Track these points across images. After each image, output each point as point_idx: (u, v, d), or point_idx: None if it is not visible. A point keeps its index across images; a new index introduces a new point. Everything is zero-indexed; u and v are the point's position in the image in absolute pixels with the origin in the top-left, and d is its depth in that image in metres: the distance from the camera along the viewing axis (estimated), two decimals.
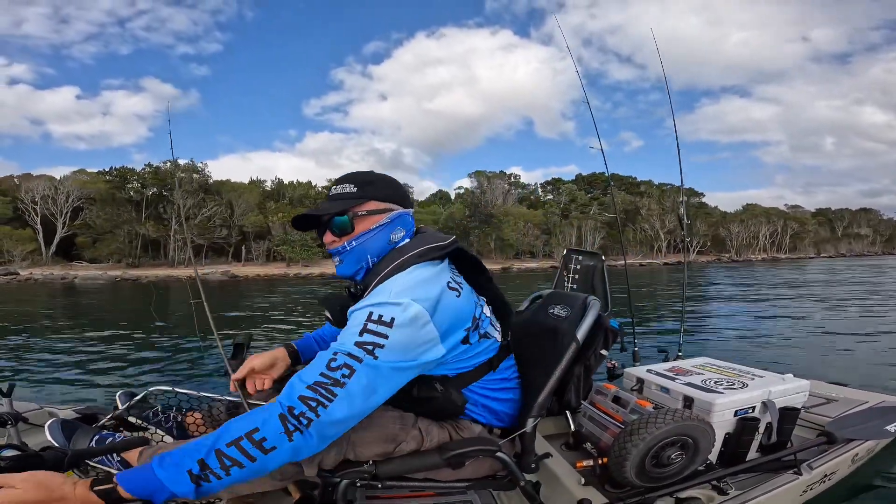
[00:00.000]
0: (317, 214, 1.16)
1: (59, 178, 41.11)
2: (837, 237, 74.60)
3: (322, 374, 0.94)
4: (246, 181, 51.36)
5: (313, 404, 0.92)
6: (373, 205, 1.15)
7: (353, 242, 1.14)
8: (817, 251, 68.41)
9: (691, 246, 55.85)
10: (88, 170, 43.27)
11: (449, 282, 1.10)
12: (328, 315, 1.29)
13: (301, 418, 0.91)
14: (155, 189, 40.29)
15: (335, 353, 0.97)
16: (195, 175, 43.34)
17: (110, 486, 0.86)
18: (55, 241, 38.67)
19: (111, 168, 43.26)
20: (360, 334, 0.98)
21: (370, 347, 0.96)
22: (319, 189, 52.16)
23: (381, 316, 0.99)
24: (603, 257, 1.37)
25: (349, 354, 0.96)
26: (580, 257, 1.92)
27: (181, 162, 42.85)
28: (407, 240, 1.20)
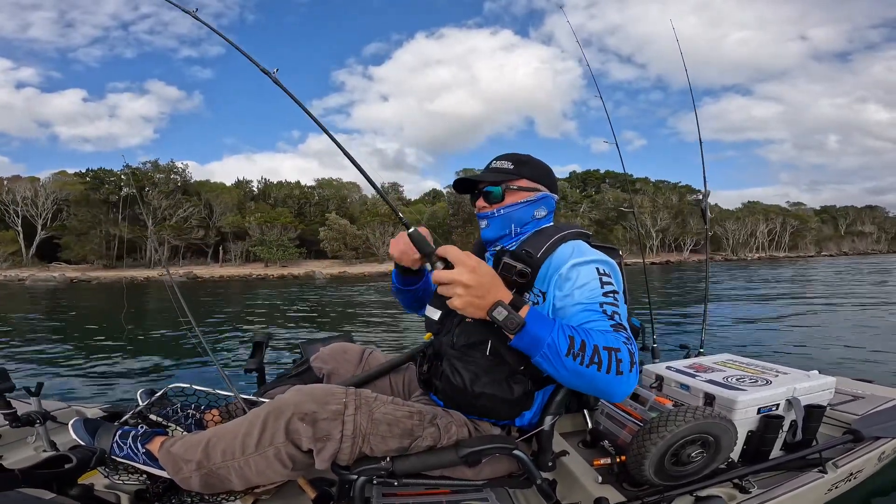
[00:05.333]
0: (475, 180, 1.28)
1: (41, 180, 41.21)
2: (840, 235, 72.06)
3: (613, 322, 0.98)
4: (248, 182, 51.23)
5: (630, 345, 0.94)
6: (524, 182, 1.26)
7: (502, 211, 1.25)
8: (818, 249, 66.34)
9: (684, 245, 55.10)
10: (69, 171, 43.24)
11: None
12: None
13: (635, 355, 0.93)
14: (133, 190, 38.79)
15: (601, 304, 1.01)
16: (173, 176, 42.51)
17: (523, 305, 0.92)
18: (35, 243, 38.96)
19: (87, 169, 42.87)
20: (603, 286, 1.04)
21: (613, 297, 1.03)
22: (306, 188, 51.90)
23: (603, 270, 1.08)
24: (620, 252, 1.34)
25: (612, 304, 1.02)
26: None
27: (161, 163, 42.72)
28: (551, 222, 1.30)
